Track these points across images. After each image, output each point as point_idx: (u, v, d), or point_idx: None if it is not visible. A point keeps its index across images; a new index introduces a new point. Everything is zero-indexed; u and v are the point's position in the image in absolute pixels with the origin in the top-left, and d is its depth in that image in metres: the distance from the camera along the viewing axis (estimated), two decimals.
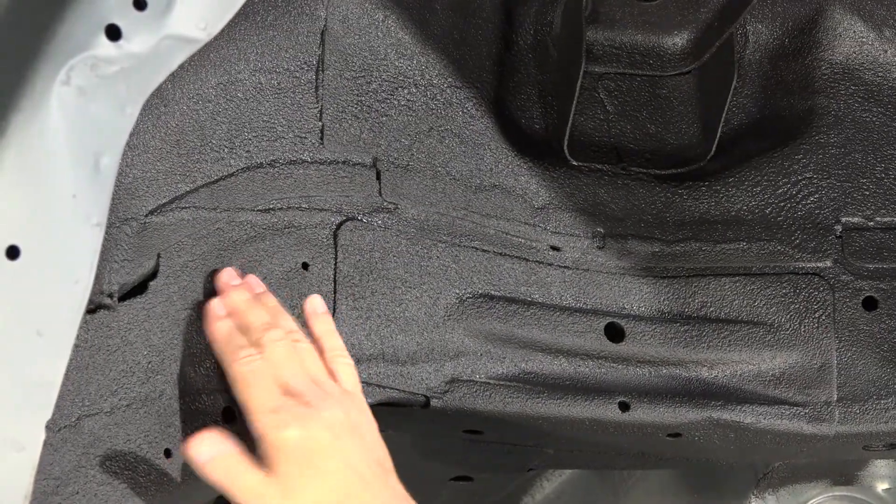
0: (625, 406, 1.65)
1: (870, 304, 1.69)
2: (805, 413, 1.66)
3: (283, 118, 1.54)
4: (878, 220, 1.70)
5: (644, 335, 1.67)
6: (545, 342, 1.65)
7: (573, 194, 1.70)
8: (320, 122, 1.57)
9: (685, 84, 1.80)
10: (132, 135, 1.25)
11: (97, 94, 1.14)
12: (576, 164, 1.71)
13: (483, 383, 1.62)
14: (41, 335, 1.15)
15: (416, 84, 1.64)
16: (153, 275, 1.43)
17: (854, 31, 1.74)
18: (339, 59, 1.58)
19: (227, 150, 1.49)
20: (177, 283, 1.44)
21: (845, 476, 2.31)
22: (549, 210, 1.69)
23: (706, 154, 1.72)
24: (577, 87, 1.66)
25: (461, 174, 1.64)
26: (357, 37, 1.59)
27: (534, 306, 1.65)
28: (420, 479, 1.53)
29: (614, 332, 1.68)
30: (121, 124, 1.19)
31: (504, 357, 1.63)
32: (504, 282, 1.64)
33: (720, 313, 1.68)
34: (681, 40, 1.78)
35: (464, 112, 1.67)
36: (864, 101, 1.74)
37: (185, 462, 1.42)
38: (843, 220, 1.69)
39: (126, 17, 1.14)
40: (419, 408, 1.62)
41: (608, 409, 1.65)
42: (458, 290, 1.62)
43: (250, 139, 1.51)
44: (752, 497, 2.34)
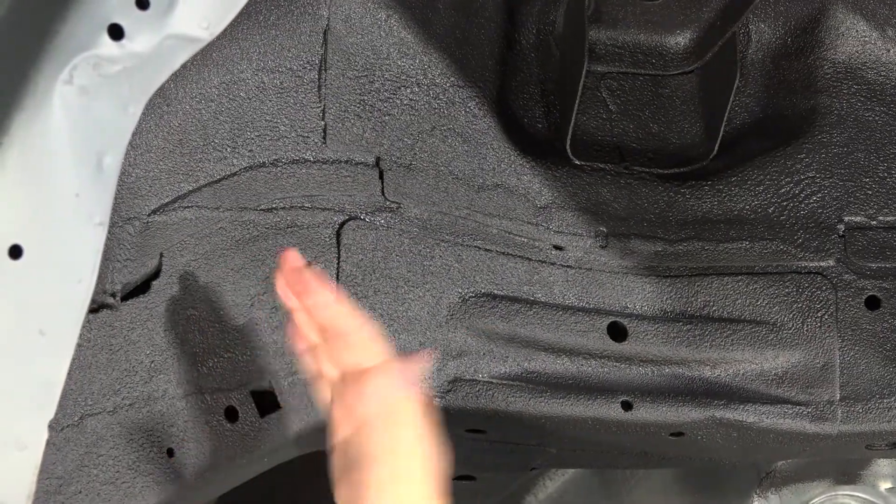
0: (627, 405, 1.65)
1: (872, 303, 1.69)
2: (808, 412, 1.66)
3: (286, 117, 1.54)
4: (881, 219, 1.69)
5: (647, 334, 1.67)
6: (548, 341, 1.65)
7: (576, 193, 1.70)
8: (323, 122, 1.57)
9: (688, 83, 1.80)
10: (135, 134, 1.25)
11: (100, 94, 1.14)
12: (578, 163, 1.71)
13: (486, 382, 1.62)
14: (44, 334, 1.16)
15: (418, 83, 1.64)
16: (156, 274, 1.43)
17: (857, 31, 1.74)
18: (341, 59, 1.58)
19: (229, 149, 1.50)
20: (180, 282, 1.44)
21: (848, 475, 2.31)
22: (552, 209, 1.69)
23: (709, 153, 1.72)
24: (580, 87, 1.66)
25: (464, 173, 1.64)
26: (360, 36, 1.59)
27: (536, 305, 1.65)
28: None
29: (617, 332, 1.67)
30: (123, 123, 1.19)
31: (507, 356, 1.63)
32: (507, 281, 1.64)
33: (723, 312, 1.68)
34: (683, 40, 1.78)
35: (466, 111, 1.67)
36: (867, 100, 1.74)
37: (188, 461, 1.43)
38: (846, 219, 1.69)
39: (128, 17, 1.14)
40: None
41: (611, 409, 1.65)
42: (460, 290, 1.62)
43: (253, 138, 1.51)
44: (755, 496, 2.34)
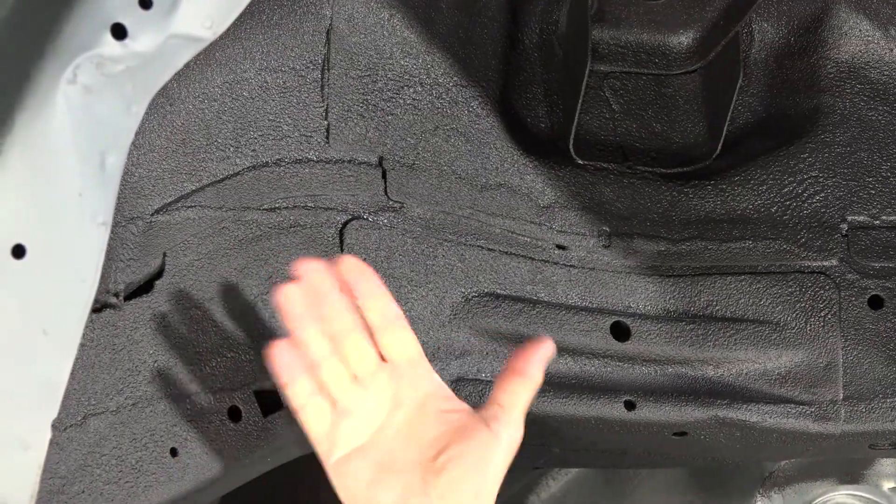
0: (630, 405, 1.65)
1: (875, 302, 1.68)
2: (811, 412, 1.66)
3: (289, 117, 1.54)
4: (884, 218, 1.69)
5: (650, 334, 1.67)
6: None
7: (579, 193, 1.70)
8: (326, 121, 1.57)
9: (691, 83, 1.80)
10: (138, 134, 1.25)
11: (103, 93, 1.14)
12: (581, 162, 1.71)
13: (489, 382, 1.62)
14: (47, 334, 1.16)
15: (421, 83, 1.64)
16: (159, 274, 1.44)
17: (860, 30, 1.74)
18: (344, 58, 1.58)
19: (232, 148, 1.50)
20: (183, 282, 1.45)
21: (851, 475, 2.31)
22: (555, 209, 1.68)
23: (712, 153, 1.72)
24: (583, 86, 1.66)
25: (467, 173, 1.64)
26: (362, 36, 1.59)
27: (539, 305, 1.65)
28: None
29: (620, 331, 1.67)
30: (126, 123, 1.19)
31: (510, 356, 1.63)
32: (510, 281, 1.64)
33: (726, 312, 1.68)
34: (686, 39, 1.78)
35: (469, 111, 1.66)
36: (870, 99, 1.74)
37: (191, 461, 1.43)
38: (849, 218, 1.69)
39: (131, 16, 1.14)
40: None
41: (614, 408, 1.65)
42: (463, 289, 1.62)
43: (256, 138, 1.51)
44: (758, 496, 2.34)
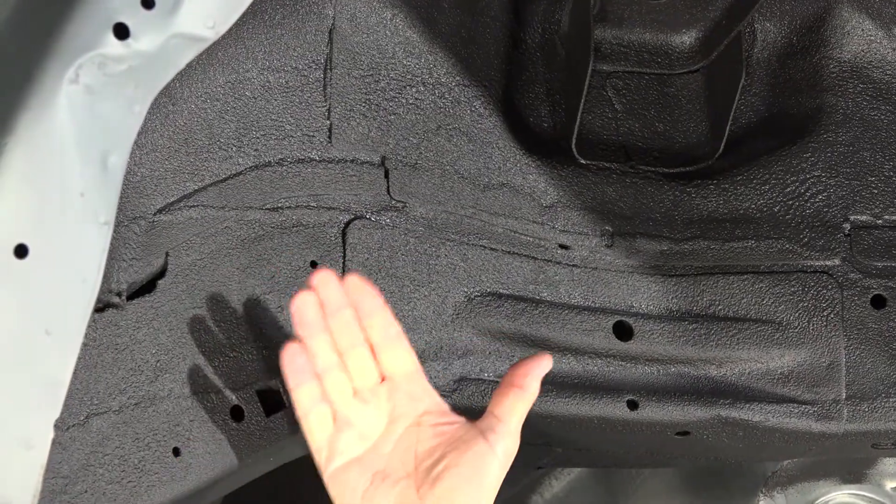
0: (633, 404, 1.65)
1: (878, 302, 1.68)
2: (814, 411, 1.66)
3: (292, 117, 1.54)
4: (887, 218, 1.69)
5: (652, 333, 1.67)
6: (553, 341, 1.65)
7: (581, 193, 1.70)
8: (328, 121, 1.57)
9: (693, 82, 1.80)
10: (140, 133, 1.25)
11: (105, 93, 1.15)
12: (584, 162, 1.71)
13: (491, 382, 1.62)
14: (49, 334, 1.16)
15: (424, 82, 1.64)
16: (161, 273, 1.44)
17: (862, 30, 1.74)
18: (347, 58, 1.58)
19: (235, 148, 1.50)
20: (185, 281, 1.45)
21: (854, 474, 2.31)
22: (558, 208, 1.68)
23: (714, 152, 1.72)
24: (586, 86, 1.66)
25: (469, 172, 1.64)
26: (365, 35, 1.59)
27: (542, 305, 1.65)
28: None
29: (623, 331, 1.67)
30: (129, 123, 1.19)
31: (513, 355, 1.63)
32: (512, 280, 1.64)
33: (728, 311, 1.68)
34: (689, 39, 1.78)
35: (472, 110, 1.67)
36: (873, 99, 1.74)
37: (193, 461, 1.43)
38: (852, 218, 1.69)
39: (134, 16, 1.14)
40: None
41: (617, 408, 1.65)
42: (466, 289, 1.62)
43: (258, 138, 1.52)
44: (761, 495, 2.34)
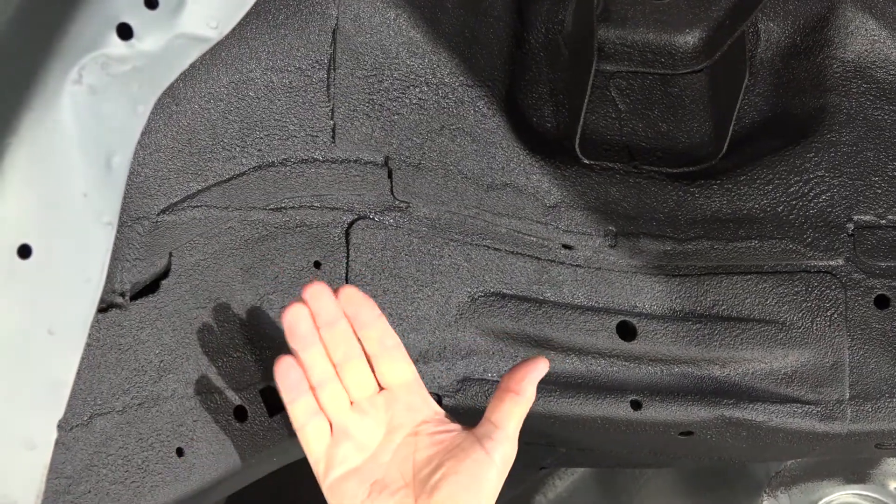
0: (637, 404, 1.65)
1: (882, 302, 1.68)
2: (817, 411, 1.66)
3: (295, 117, 1.54)
4: (890, 218, 1.69)
5: (656, 333, 1.67)
6: (557, 341, 1.65)
7: (585, 193, 1.70)
8: (332, 121, 1.57)
9: (697, 82, 1.80)
10: (144, 133, 1.25)
11: (109, 93, 1.14)
12: (587, 162, 1.71)
13: (495, 382, 1.62)
14: (53, 334, 1.16)
15: (427, 82, 1.64)
16: (165, 274, 1.44)
17: (866, 29, 1.74)
18: (350, 58, 1.58)
19: (238, 148, 1.50)
20: (189, 281, 1.45)
21: (858, 474, 2.31)
22: (561, 208, 1.68)
23: (718, 152, 1.72)
24: (589, 86, 1.66)
25: (473, 173, 1.64)
26: (368, 35, 1.59)
27: (546, 305, 1.65)
28: None
29: (626, 331, 1.67)
30: (132, 123, 1.19)
31: (516, 356, 1.63)
32: (516, 280, 1.64)
33: (732, 311, 1.68)
34: (692, 38, 1.78)
35: (475, 110, 1.67)
36: (876, 99, 1.74)
37: (197, 461, 1.43)
38: (855, 218, 1.69)
39: (137, 16, 1.14)
40: None
41: (620, 408, 1.65)
42: (469, 289, 1.62)
43: (262, 138, 1.52)
44: (765, 495, 2.34)
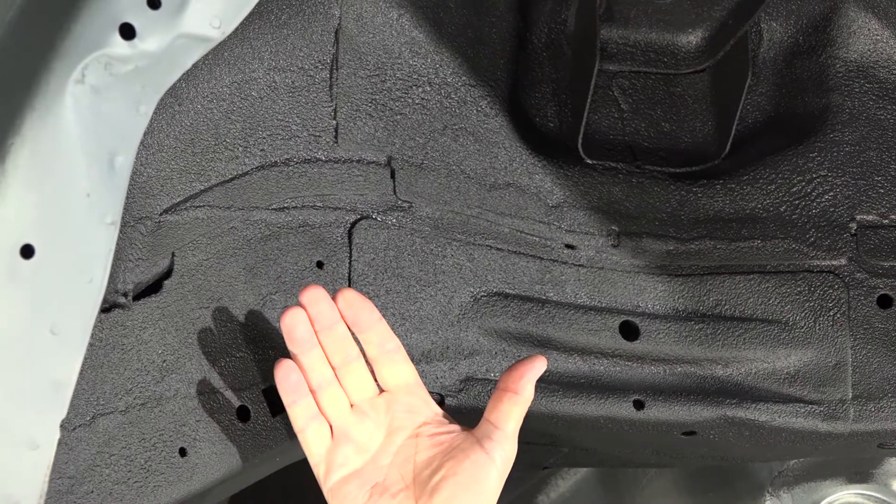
0: (639, 404, 1.65)
1: (884, 301, 1.68)
2: (820, 411, 1.66)
3: (298, 117, 1.54)
4: (893, 217, 1.69)
5: (659, 333, 1.67)
6: (560, 340, 1.65)
7: (587, 192, 1.70)
8: (334, 121, 1.57)
9: (700, 82, 1.80)
10: (146, 134, 1.25)
11: (111, 93, 1.15)
12: (590, 162, 1.71)
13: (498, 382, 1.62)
14: (56, 334, 1.16)
15: (430, 82, 1.64)
16: (168, 273, 1.44)
17: (869, 29, 1.74)
18: (353, 58, 1.58)
19: (241, 148, 1.50)
20: (191, 281, 1.45)
21: (860, 474, 2.31)
22: (564, 208, 1.68)
23: (721, 152, 1.72)
24: (592, 86, 1.66)
25: (475, 172, 1.64)
26: (371, 35, 1.59)
27: (548, 305, 1.65)
28: None
29: (629, 331, 1.67)
30: (135, 123, 1.19)
31: (519, 355, 1.63)
32: (518, 280, 1.64)
33: (735, 311, 1.68)
34: (695, 38, 1.78)
35: (478, 110, 1.67)
36: (879, 98, 1.73)
37: (200, 461, 1.43)
38: (858, 217, 1.69)
39: (140, 16, 1.14)
40: None
41: (623, 408, 1.64)
42: (472, 289, 1.62)
43: (265, 138, 1.52)
44: (768, 495, 2.34)
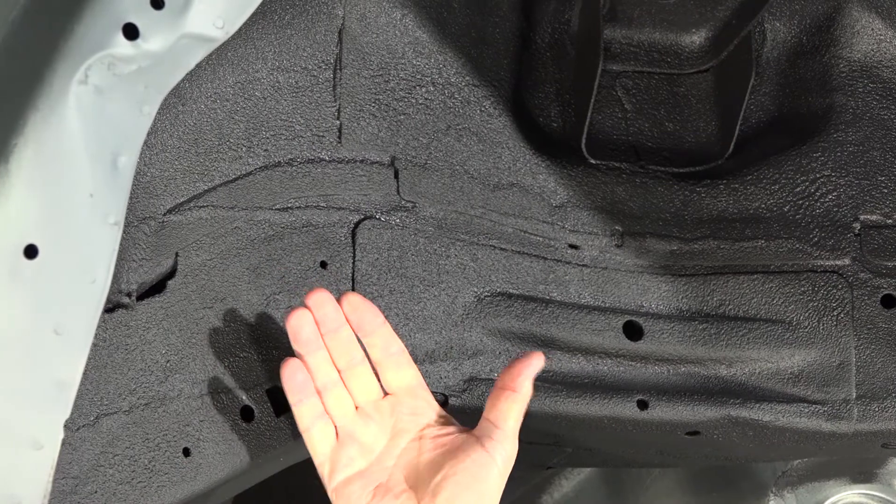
0: (643, 404, 1.65)
1: (888, 301, 1.68)
2: (824, 411, 1.66)
3: (301, 117, 1.54)
4: None
5: (662, 333, 1.67)
6: (563, 340, 1.65)
7: (591, 192, 1.70)
8: (338, 121, 1.57)
9: (703, 82, 1.79)
10: (150, 134, 1.25)
11: (115, 93, 1.15)
12: (594, 162, 1.71)
13: None
14: (59, 334, 1.16)
15: (433, 82, 1.64)
16: (171, 274, 1.44)
17: (872, 29, 1.74)
18: (356, 58, 1.58)
19: (244, 148, 1.50)
20: (195, 281, 1.45)
21: (864, 474, 2.30)
22: (568, 208, 1.68)
23: (724, 152, 1.72)
24: (595, 86, 1.66)
25: (479, 172, 1.64)
26: (375, 35, 1.59)
27: (552, 305, 1.65)
28: None
29: (633, 331, 1.67)
30: (138, 123, 1.19)
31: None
32: (522, 280, 1.64)
33: (738, 311, 1.68)
34: (698, 38, 1.78)
35: (481, 110, 1.66)
36: (883, 98, 1.73)
37: (204, 461, 1.43)
38: (862, 217, 1.69)
39: (143, 16, 1.14)
40: None
41: (627, 408, 1.64)
42: (476, 289, 1.62)
43: (268, 138, 1.52)
44: (771, 494, 2.34)
